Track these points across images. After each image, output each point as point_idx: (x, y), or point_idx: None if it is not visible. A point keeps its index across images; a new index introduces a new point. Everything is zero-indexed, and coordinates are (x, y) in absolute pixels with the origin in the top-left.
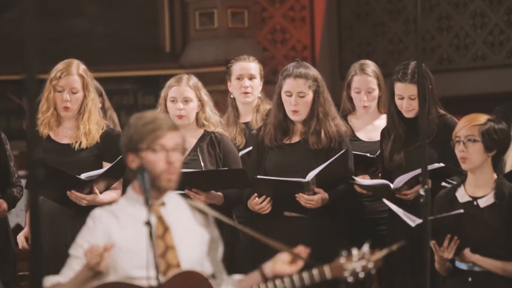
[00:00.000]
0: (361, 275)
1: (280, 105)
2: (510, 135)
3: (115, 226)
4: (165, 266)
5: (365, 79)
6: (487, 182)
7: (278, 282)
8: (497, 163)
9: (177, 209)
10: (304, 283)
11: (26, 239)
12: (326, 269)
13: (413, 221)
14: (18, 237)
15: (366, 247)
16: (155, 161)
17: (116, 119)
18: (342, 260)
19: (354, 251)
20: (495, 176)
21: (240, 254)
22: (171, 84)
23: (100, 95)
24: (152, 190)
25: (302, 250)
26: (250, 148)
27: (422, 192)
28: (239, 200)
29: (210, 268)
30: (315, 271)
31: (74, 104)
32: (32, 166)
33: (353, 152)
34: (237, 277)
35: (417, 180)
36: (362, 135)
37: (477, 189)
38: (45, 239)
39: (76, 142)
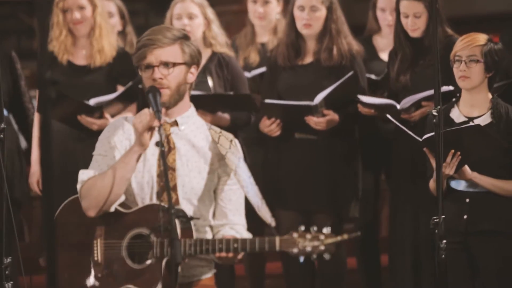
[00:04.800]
0: (314, 256)
1: (292, 24)
2: (507, 56)
3: (127, 140)
4: (161, 187)
5: None
6: (483, 102)
7: (231, 241)
8: (493, 83)
9: (194, 134)
10: (255, 248)
11: (38, 183)
12: (277, 240)
13: (419, 137)
14: (30, 182)
15: (326, 229)
16: (145, 79)
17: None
18: (295, 235)
19: (312, 229)
20: (490, 96)
21: None
22: (176, 1)
23: (123, 17)
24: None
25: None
26: (263, 69)
27: (434, 112)
28: (247, 121)
29: (210, 203)
30: (266, 239)
31: (84, 20)
32: (43, 86)
33: None
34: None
35: (421, 103)
36: (385, 56)
37: (472, 109)
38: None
39: (91, 59)
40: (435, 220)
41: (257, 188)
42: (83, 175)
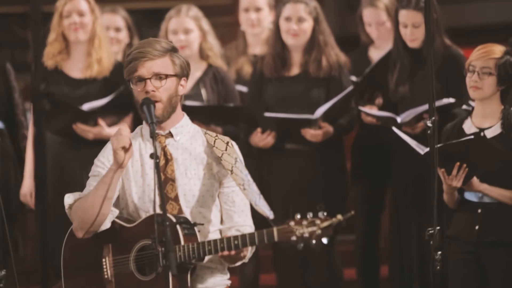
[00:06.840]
0: (313, 241)
1: (277, 35)
2: None
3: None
4: (163, 198)
5: (376, 12)
6: (494, 113)
7: (231, 239)
8: (506, 95)
9: (190, 142)
10: (254, 241)
11: (31, 195)
12: (275, 231)
13: (422, 149)
14: (21, 195)
15: (321, 213)
16: (136, 93)
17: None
18: (292, 223)
19: (308, 215)
20: (502, 107)
21: None
22: (170, 15)
23: (129, 29)
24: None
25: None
26: None
27: (429, 123)
28: (236, 136)
29: (215, 208)
30: (264, 231)
31: (83, 26)
32: (38, 98)
33: None
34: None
35: (423, 116)
36: None
37: (484, 120)
38: (51, 170)
39: (88, 69)
40: (430, 232)
41: (255, 186)
42: (68, 198)
